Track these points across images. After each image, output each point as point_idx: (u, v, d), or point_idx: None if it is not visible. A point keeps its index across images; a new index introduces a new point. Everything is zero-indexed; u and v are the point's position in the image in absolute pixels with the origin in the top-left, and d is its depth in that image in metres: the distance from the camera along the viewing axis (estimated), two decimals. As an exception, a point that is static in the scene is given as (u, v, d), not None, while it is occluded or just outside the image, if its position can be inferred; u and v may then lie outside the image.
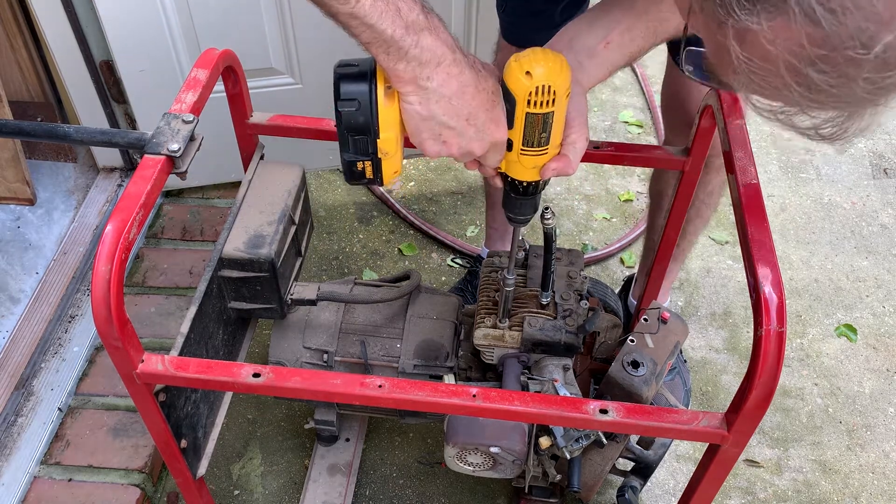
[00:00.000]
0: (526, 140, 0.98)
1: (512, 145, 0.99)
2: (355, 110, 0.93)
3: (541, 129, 0.96)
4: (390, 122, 0.95)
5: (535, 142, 0.98)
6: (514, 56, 0.94)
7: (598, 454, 1.43)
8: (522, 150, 0.99)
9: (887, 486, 1.79)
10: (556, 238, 1.25)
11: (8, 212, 2.09)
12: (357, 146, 0.96)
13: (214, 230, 2.11)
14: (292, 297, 1.43)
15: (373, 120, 0.94)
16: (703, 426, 1.03)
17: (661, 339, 1.39)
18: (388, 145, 0.96)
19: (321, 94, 2.05)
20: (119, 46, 1.88)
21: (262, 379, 1.05)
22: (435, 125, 0.94)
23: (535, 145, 0.98)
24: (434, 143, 0.96)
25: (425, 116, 0.93)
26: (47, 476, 1.63)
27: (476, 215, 2.33)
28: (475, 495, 1.74)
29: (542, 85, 0.92)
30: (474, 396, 1.04)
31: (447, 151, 0.98)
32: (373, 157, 0.97)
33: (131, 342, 1.02)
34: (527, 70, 0.92)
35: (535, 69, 0.92)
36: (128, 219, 0.97)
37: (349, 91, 0.93)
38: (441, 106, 0.92)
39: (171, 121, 1.08)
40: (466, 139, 0.96)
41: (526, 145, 0.99)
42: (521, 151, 1.00)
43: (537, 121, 0.95)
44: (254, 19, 1.88)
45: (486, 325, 1.39)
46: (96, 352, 1.84)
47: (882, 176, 2.49)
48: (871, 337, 2.07)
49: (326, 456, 1.75)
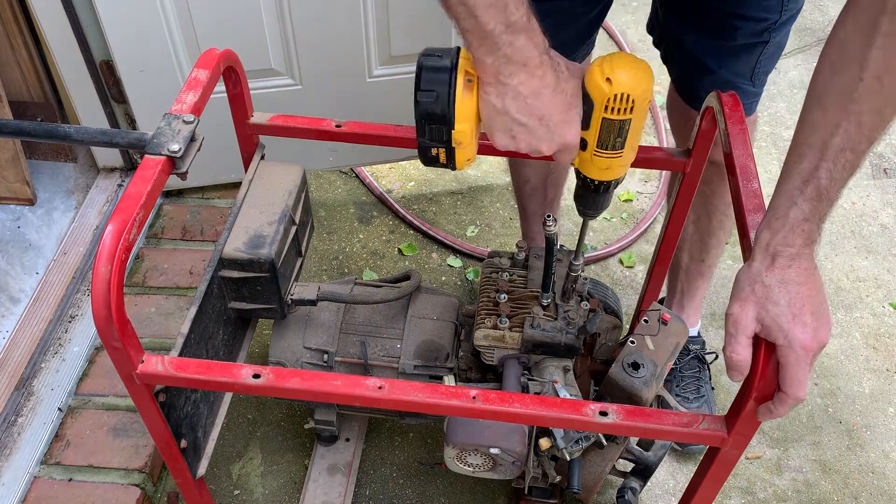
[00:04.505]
0: (601, 143, 0.98)
1: (586, 145, 1.00)
2: (433, 101, 0.95)
3: (616, 135, 0.97)
4: (466, 114, 0.96)
5: (609, 145, 0.98)
6: (598, 59, 0.95)
7: (597, 455, 1.43)
8: (596, 152, 1.00)
9: (887, 486, 1.79)
10: (557, 243, 1.25)
11: (8, 212, 2.09)
12: (432, 134, 0.98)
13: (214, 230, 2.11)
14: (292, 297, 1.43)
15: (449, 111, 0.95)
16: (703, 429, 1.03)
17: (661, 340, 1.39)
18: (462, 136, 0.97)
19: (321, 95, 2.07)
20: (119, 46, 1.88)
21: (262, 380, 1.05)
22: (508, 120, 0.95)
23: (610, 148, 0.99)
24: (504, 137, 0.98)
25: (500, 111, 0.94)
26: (47, 476, 1.63)
27: (476, 215, 2.33)
28: (475, 496, 1.74)
29: (622, 93, 0.92)
30: (474, 398, 1.04)
31: (515, 146, 0.99)
32: (447, 145, 0.99)
33: (131, 342, 1.02)
34: (607, 76, 0.92)
35: (616, 76, 0.92)
36: (128, 219, 0.97)
37: (430, 81, 0.95)
38: (516, 103, 0.93)
39: (171, 121, 1.08)
40: (536, 138, 0.97)
41: (600, 147, 0.99)
42: (594, 152, 1.00)
43: (613, 126, 0.96)
44: (254, 20, 1.88)
45: (487, 326, 1.39)
46: (96, 352, 1.84)
47: (882, 176, 2.49)
48: (871, 337, 2.07)
49: (326, 456, 1.75)
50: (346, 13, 1.92)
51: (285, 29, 1.92)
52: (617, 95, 0.92)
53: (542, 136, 0.97)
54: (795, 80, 2.80)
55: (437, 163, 1.02)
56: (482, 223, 2.31)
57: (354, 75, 2.04)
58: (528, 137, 0.97)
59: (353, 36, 1.96)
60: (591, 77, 0.94)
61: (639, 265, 2.22)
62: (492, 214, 2.34)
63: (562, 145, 0.99)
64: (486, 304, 1.42)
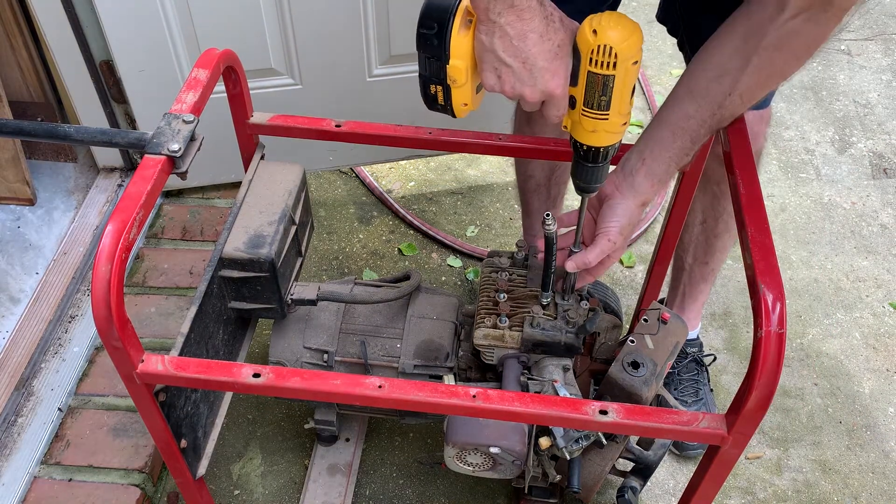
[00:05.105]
0: (587, 100, 1.01)
1: (575, 103, 1.02)
2: (432, 33, 0.99)
3: (601, 92, 0.99)
4: (461, 51, 1.00)
5: (595, 104, 1.00)
6: (590, 16, 0.98)
7: (597, 455, 1.43)
8: (584, 111, 1.02)
9: (887, 486, 1.79)
10: (556, 242, 1.25)
11: (8, 212, 2.09)
12: (429, 67, 1.02)
13: (214, 230, 2.11)
14: (292, 297, 1.43)
15: (445, 44, 0.99)
16: (703, 427, 1.03)
17: (660, 339, 1.39)
18: (456, 73, 1.01)
19: (321, 95, 2.07)
20: (119, 46, 1.88)
21: (262, 379, 1.05)
22: (494, 59, 0.99)
23: (596, 108, 1.01)
24: (491, 76, 1.02)
25: (487, 48, 0.99)
26: (47, 476, 1.63)
27: (476, 215, 2.33)
28: (475, 495, 1.74)
29: (604, 45, 0.95)
30: (474, 397, 1.04)
31: (500, 88, 1.02)
32: (443, 82, 1.02)
33: (131, 342, 1.02)
34: (594, 28, 0.95)
35: (603, 28, 0.95)
36: (128, 219, 0.97)
37: (430, 12, 0.99)
38: (503, 42, 0.97)
39: (171, 121, 1.08)
40: (520, 81, 1.01)
41: (587, 106, 1.01)
42: (582, 111, 1.02)
43: (597, 81, 0.98)
44: (254, 19, 1.88)
45: (487, 326, 1.39)
46: (96, 352, 1.84)
47: (882, 176, 2.49)
48: (871, 337, 2.07)
49: (326, 456, 1.75)
50: (346, 12, 1.92)
51: (285, 28, 1.92)
52: (600, 47, 0.95)
53: (526, 80, 1.00)
54: (795, 79, 2.80)
55: (436, 104, 1.06)
56: (482, 223, 2.31)
57: (354, 75, 2.04)
58: (512, 79, 1.01)
59: (353, 35, 1.97)
60: (581, 30, 0.98)
61: (639, 265, 2.22)
62: (492, 214, 2.34)
63: (545, 94, 1.02)
64: (485, 303, 1.42)
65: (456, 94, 1.03)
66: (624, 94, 0.99)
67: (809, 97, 2.75)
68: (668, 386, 1.87)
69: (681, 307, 1.87)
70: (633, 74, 0.98)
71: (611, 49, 0.94)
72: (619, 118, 1.02)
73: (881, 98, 2.75)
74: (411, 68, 2.06)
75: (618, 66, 0.95)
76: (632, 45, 0.95)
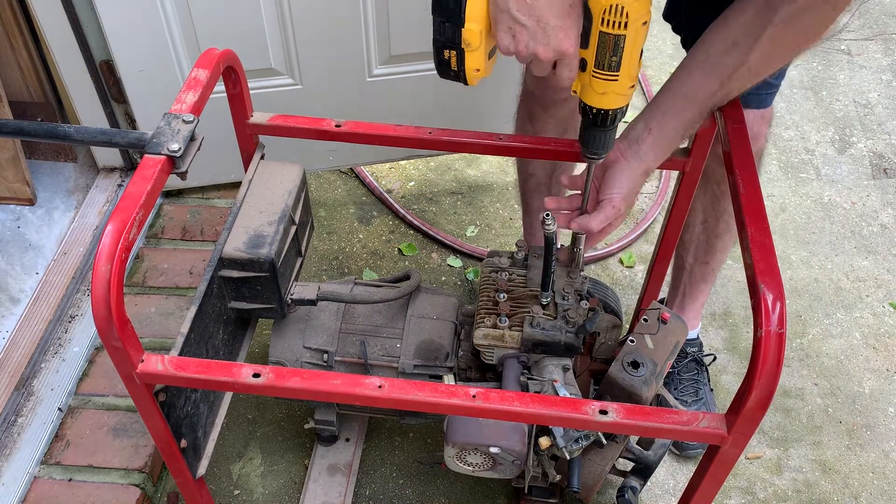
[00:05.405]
0: (598, 62, 1.02)
1: (586, 66, 1.04)
2: None
3: (612, 52, 1.00)
4: (476, 14, 1.01)
5: (606, 64, 1.02)
6: None
7: (597, 454, 1.43)
8: (594, 73, 1.04)
9: (887, 486, 1.79)
10: (556, 242, 1.26)
11: (8, 212, 2.09)
12: (444, 31, 1.03)
13: (214, 230, 2.11)
14: (292, 297, 1.43)
15: (462, 6, 1.01)
16: (702, 427, 1.03)
17: (660, 339, 1.39)
18: (471, 37, 1.03)
19: (321, 95, 2.07)
20: (119, 46, 1.88)
21: (262, 379, 1.05)
22: (508, 18, 1.02)
23: (606, 69, 1.02)
24: (506, 36, 1.04)
25: (502, 8, 1.01)
26: (47, 476, 1.63)
27: (476, 215, 2.33)
28: (475, 495, 1.74)
29: (616, 5, 0.96)
30: (474, 397, 1.04)
31: (514, 48, 1.04)
32: (457, 46, 1.03)
33: (131, 342, 1.02)
34: None
35: None
36: (128, 219, 0.97)
37: None
38: (517, 2, 1.00)
39: (171, 121, 1.08)
40: (534, 40, 1.03)
41: (598, 67, 1.03)
42: (592, 73, 1.04)
43: (609, 41, 1.00)
44: (254, 19, 1.88)
45: (486, 325, 1.39)
46: (96, 352, 1.84)
47: (882, 176, 2.49)
48: (871, 337, 2.07)
49: (326, 456, 1.75)
50: (347, 12, 1.92)
51: (285, 28, 1.92)
52: (612, 6, 0.97)
53: (539, 38, 1.02)
54: (795, 79, 2.80)
55: (449, 70, 1.07)
56: (482, 223, 2.31)
57: (354, 75, 2.04)
58: (526, 38, 1.02)
59: (353, 35, 1.96)
60: None
61: (639, 265, 2.22)
62: (492, 214, 2.34)
63: (558, 52, 1.03)
64: (485, 303, 1.42)
65: (469, 58, 1.05)
66: (633, 54, 1.01)
67: (809, 97, 2.75)
68: (668, 386, 1.87)
69: (681, 307, 1.87)
70: (642, 35, 1.00)
71: (622, 9, 0.96)
72: (629, 80, 1.04)
73: (881, 98, 2.75)
74: (411, 68, 2.06)
75: (629, 25, 0.97)
76: (643, 5, 0.97)
